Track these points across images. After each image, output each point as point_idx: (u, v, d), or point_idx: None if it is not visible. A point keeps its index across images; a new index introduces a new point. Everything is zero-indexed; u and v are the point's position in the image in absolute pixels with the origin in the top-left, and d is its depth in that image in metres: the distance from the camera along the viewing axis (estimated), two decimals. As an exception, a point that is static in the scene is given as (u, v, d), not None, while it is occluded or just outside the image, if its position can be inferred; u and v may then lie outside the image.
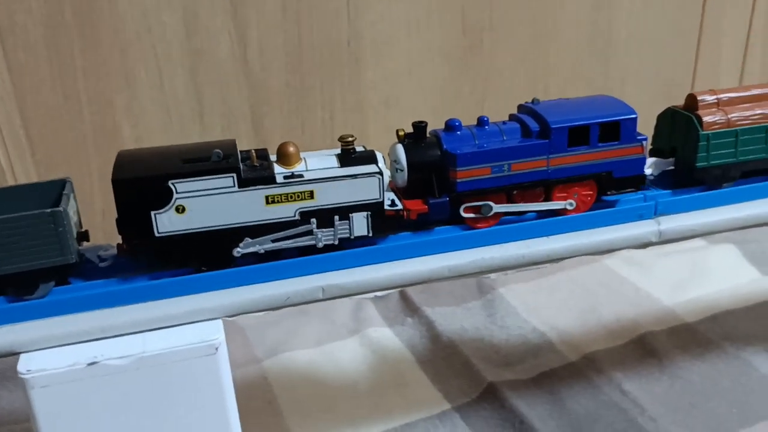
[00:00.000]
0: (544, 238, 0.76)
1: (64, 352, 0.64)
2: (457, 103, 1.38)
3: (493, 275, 0.75)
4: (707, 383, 1.08)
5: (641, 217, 0.80)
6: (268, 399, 1.09)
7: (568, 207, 0.79)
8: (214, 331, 0.67)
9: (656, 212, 0.81)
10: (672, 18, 1.47)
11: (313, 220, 0.71)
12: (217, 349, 0.66)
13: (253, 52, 1.20)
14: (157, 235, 0.68)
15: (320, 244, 0.72)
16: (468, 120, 1.42)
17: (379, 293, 0.74)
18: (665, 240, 0.79)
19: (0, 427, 1.04)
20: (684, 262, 1.41)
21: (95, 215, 1.21)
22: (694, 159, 0.82)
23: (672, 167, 0.88)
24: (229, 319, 0.69)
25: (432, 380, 1.12)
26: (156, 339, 0.66)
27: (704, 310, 1.26)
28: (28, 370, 0.63)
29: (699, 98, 0.85)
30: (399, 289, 0.76)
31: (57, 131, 1.15)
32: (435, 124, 1.38)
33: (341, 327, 1.26)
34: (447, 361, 1.16)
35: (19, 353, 0.65)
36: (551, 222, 0.79)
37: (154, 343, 0.65)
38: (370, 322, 1.26)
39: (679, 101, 1.63)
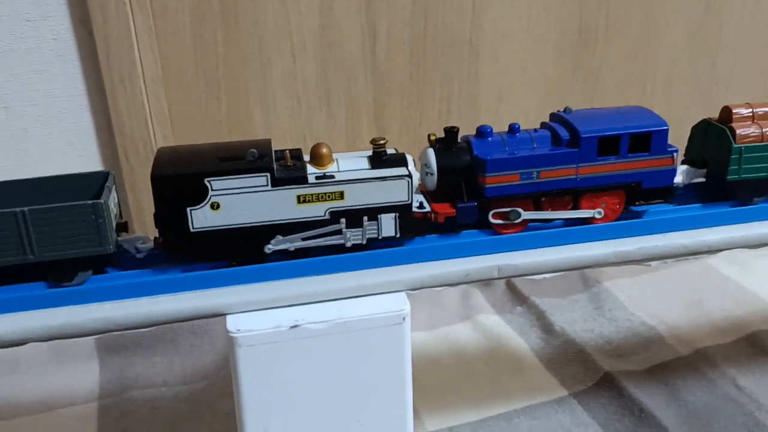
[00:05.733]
0: (705, 229, 0.79)
1: (267, 315, 0.69)
2: (567, 100, 1.40)
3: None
4: (822, 382, 1.10)
5: (796, 213, 0.82)
6: (388, 377, 1.14)
7: (597, 216, 0.80)
8: (401, 303, 0.71)
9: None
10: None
11: (343, 219, 0.72)
12: (404, 318, 0.70)
13: (381, 44, 1.25)
14: (192, 230, 0.70)
15: (348, 244, 0.73)
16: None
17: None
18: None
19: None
20: (785, 263, 1.42)
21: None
22: (726, 172, 0.81)
23: (702, 179, 0.87)
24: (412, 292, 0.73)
25: (546, 367, 1.16)
26: (350, 307, 0.71)
27: (811, 311, 1.28)
28: (238, 330, 0.68)
29: (734, 111, 0.83)
30: (554, 273, 0.79)
31: (196, 115, 1.21)
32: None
33: (451, 313, 1.30)
34: (560, 349, 1.19)
35: (224, 314, 0.70)
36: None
37: (349, 311, 0.70)
38: (479, 309, 1.30)
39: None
